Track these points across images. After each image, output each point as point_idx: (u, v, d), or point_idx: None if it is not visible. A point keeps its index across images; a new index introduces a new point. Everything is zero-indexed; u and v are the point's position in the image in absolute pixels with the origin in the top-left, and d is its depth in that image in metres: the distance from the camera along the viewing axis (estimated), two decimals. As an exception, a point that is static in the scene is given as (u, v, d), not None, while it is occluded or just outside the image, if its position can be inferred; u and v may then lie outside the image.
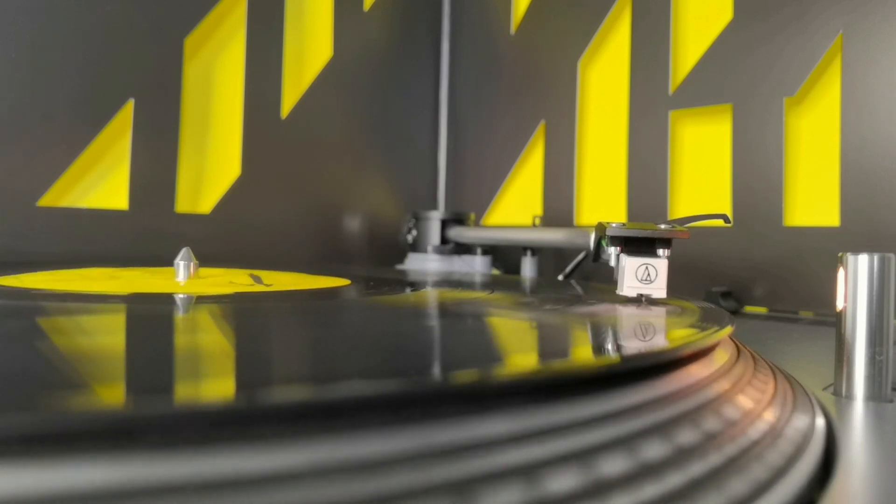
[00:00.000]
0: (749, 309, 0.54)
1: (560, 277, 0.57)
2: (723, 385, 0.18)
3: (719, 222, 0.32)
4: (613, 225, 0.29)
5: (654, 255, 0.29)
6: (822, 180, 0.53)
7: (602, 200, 0.66)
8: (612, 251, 0.30)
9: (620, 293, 0.29)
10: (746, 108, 0.55)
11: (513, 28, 0.73)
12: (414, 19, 0.77)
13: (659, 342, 0.20)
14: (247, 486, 0.10)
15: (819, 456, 0.16)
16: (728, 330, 0.22)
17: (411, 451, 0.11)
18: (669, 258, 0.29)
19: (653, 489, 0.12)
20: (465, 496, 0.11)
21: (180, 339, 0.19)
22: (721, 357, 0.21)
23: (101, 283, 0.33)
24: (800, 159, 0.54)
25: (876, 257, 0.21)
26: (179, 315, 0.24)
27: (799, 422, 0.18)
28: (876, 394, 0.21)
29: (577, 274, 0.57)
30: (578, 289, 0.37)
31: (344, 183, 0.70)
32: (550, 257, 0.65)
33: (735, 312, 0.52)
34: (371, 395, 0.12)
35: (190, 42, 0.58)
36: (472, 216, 0.67)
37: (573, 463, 0.12)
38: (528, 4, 0.71)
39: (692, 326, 0.22)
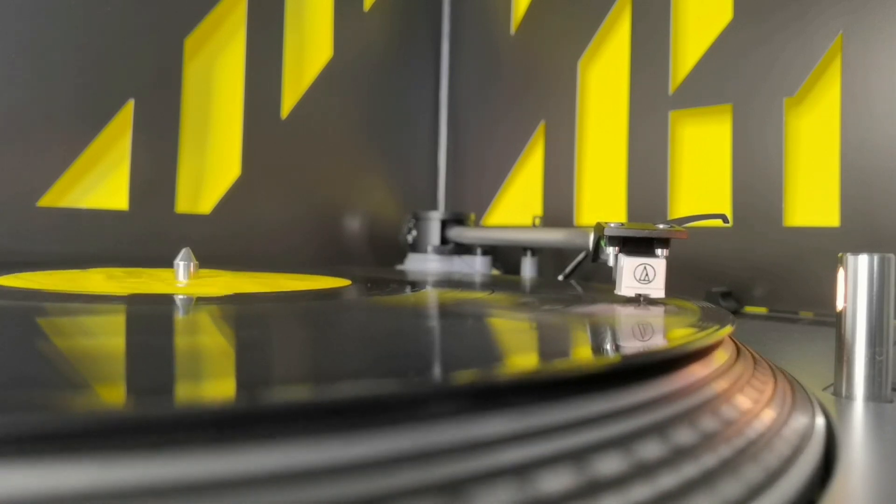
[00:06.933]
0: (749, 309, 0.54)
1: (560, 278, 0.57)
2: (722, 385, 0.18)
3: (718, 222, 0.32)
4: (612, 225, 0.29)
5: (652, 255, 0.29)
6: (822, 180, 0.53)
7: (602, 200, 0.66)
8: (611, 251, 0.30)
9: (619, 293, 0.29)
10: (746, 108, 0.55)
11: (513, 28, 0.73)
12: (414, 19, 0.77)
13: (659, 342, 0.20)
14: (247, 486, 0.10)
15: (819, 456, 0.16)
16: (728, 330, 0.22)
17: (410, 452, 0.11)
18: (668, 258, 0.29)
19: (651, 488, 0.12)
20: (464, 496, 0.11)
21: (180, 340, 0.19)
22: (721, 357, 0.21)
23: (101, 284, 0.33)
24: (800, 159, 0.54)
25: (876, 257, 0.21)
26: (179, 316, 0.24)
27: (799, 422, 0.18)
28: (876, 394, 0.21)
29: (578, 274, 0.57)
30: (578, 289, 0.37)
31: (344, 183, 0.70)
32: (550, 257, 0.65)
33: (735, 312, 0.52)
34: (371, 395, 0.12)
35: (190, 42, 0.58)
36: (472, 216, 0.67)
37: (571, 462, 0.12)
38: (528, 4, 0.71)
39: (692, 326, 0.22)
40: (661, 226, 0.29)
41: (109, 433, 0.10)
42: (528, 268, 0.61)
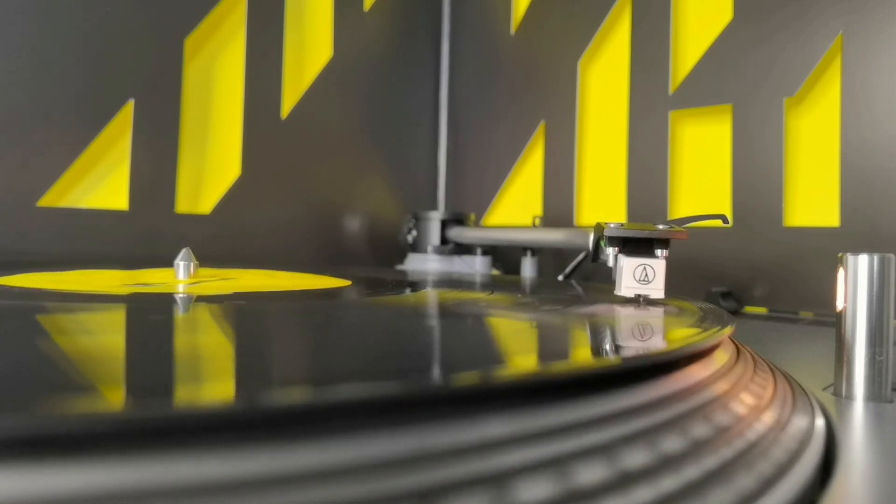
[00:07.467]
0: (749, 309, 0.54)
1: (560, 278, 0.57)
2: (722, 386, 0.18)
3: (718, 222, 0.32)
4: (611, 225, 0.29)
5: (651, 255, 0.29)
6: (822, 180, 0.53)
7: (602, 200, 0.66)
8: (611, 252, 0.30)
9: (619, 294, 0.29)
10: (746, 108, 0.55)
11: (513, 28, 0.73)
12: (414, 19, 0.77)
13: (658, 343, 0.20)
14: (246, 487, 0.10)
15: (819, 456, 0.16)
16: (728, 330, 0.22)
17: (408, 453, 0.11)
18: (668, 259, 0.29)
19: (649, 491, 0.12)
20: (465, 497, 0.11)
21: (180, 340, 0.19)
22: (721, 358, 0.21)
23: (101, 283, 0.33)
24: (800, 159, 0.54)
25: (876, 257, 0.21)
26: (179, 315, 0.24)
27: (799, 422, 0.18)
28: (876, 394, 0.21)
29: (578, 274, 0.57)
30: (578, 289, 0.37)
31: (344, 183, 0.70)
32: (550, 257, 0.64)
33: (735, 313, 0.52)
34: (370, 397, 0.12)
35: (190, 42, 0.58)
36: (472, 216, 0.67)
37: (576, 462, 0.12)
38: (528, 4, 0.71)
39: (691, 327, 0.22)
40: (660, 226, 0.29)
41: (110, 434, 0.10)
42: (528, 268, 0.61)
